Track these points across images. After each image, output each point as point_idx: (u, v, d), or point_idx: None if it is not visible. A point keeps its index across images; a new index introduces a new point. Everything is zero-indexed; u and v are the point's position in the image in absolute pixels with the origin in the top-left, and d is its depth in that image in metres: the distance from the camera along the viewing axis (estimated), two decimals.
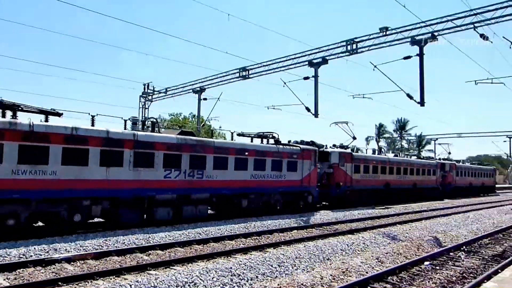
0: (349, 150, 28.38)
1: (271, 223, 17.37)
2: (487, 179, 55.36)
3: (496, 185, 61.76)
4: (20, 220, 12.32)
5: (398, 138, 72.93)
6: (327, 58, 23.94)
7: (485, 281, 8.36)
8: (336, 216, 21.35)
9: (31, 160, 12.47)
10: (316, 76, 24.15)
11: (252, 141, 21.11)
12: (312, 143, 26.40)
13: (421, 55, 19.67)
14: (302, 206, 22.37)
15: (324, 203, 26.80)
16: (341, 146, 29.03)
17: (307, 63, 24.82)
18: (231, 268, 9.50)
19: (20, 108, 12.98)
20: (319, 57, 24.32)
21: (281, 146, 21.71)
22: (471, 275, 10.28)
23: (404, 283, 9.30)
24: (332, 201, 26.53)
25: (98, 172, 14.00)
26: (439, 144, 59.12)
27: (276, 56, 29.17)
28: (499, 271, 9.54)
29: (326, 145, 28.20)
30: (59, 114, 13.89)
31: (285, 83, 25.46)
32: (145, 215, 15.65)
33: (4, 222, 11.96)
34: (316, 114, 23.90)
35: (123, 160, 14.66)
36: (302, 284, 8.67)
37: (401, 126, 72.62)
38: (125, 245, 12.00)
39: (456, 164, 45.90)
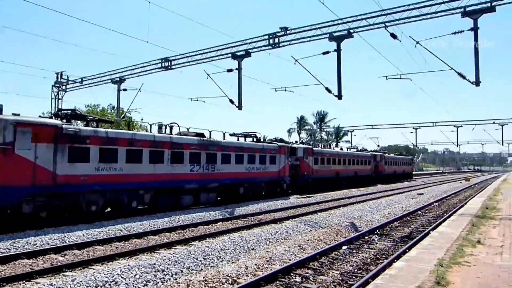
0: (310, 146, 34.03)
1: (196, 216, 17.20)
2: (407, 167, 65.23)
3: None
4: (98, 207, 15.64)
5: (318, 130, 76.10)
6: (250, 51, 24.15)
7: (395, 260, 9.03)
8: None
9: (107, 159, 15.85)
10: (239, 69, 24.27)
11: (242, 140, 25.65)
12: (281, 140, 33.44)
13: (338, 50, 20.63)
14: (279, 191, 27.20)
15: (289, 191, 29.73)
16: (302, 143, 36.69)
17: (230, 55, 24.83)
18: (154, 264, 9.22)
19: (87, 118, 17.08)
20: (242, 50, 24.45)
21: (266, 143, 27.07)
22: (384, 256, 11.06)
23: (324, 267, 9.73)
24: (298, 187, 30.92)
25: (148, 168, 17.59)
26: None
27: (199, 47, 28.68)
28: (407, 250, 10.37)
29: (292, 142, 34.16)
30: (111, 122, 17.75)
31: (208, 75, 25.27)
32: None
33: (88, 208, 15.26)
34: (239, 107, 24.05)
35: (164, 158, 18.35)
36: (227, 275, 8.68)
37: (321, 118, 75.84)
38: (37, 246, 11.08)
39: (385, 155, 53.36)
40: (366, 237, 13.70)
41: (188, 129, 21.45)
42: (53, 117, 16.18)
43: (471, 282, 6.67)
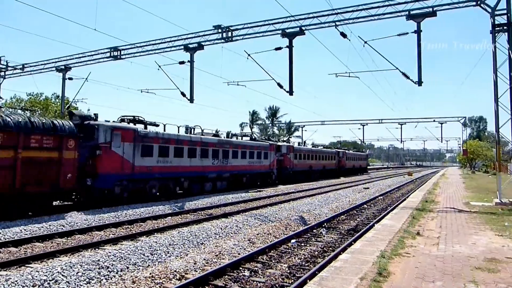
0: (291, 144, 41.79)
1: (144, 210, 16.78)
2: (363, 162, 74.36)
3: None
4: (156, 191, 20.66)
5: (270, 124, 76.88)
6: (203, 43, 23.85)
7: (341, 253, 9.28)
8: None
9: (163, 154, 20.95)
10: (191, 61, 23.93)
11: (241, 139, 32.06)
12: (268, 139, 40.94)
13: (290, 47, 20.84)
14: (270, 181, 33.51)
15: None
16: (285, 141, 45.13)
17: (183, 47, 24.40)
18: (98, 260, 8.87)
19: (145, 122, 21.01)
20: (195, 42, 24.10)
21: (260, 142, 33.32)
22: (330, 248, 11.34)
23: (273, 261, 9.82)
24: (282, 178, 36.98)
25: (187, 161, 22.88)
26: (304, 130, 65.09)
27: (151, 38, 27.85)
28: (353, 243, 10.70)
29: (277, 140, 43.03)
30: (156, 125, 21.43)
31: (160, 66, 24.71)
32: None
33: (150, 191, 20.19)
34: (191, 100, 23.71)
35: (196, 154, 23.67)
36: (175, 271, 8.53)
37: (273, 113, 76.73)
38: None
39: (346, 151, 61.28)
40: (315, 231, 13.99)
41: (202, 130, 25.88)
42: (119, 121, 20.17)
43: (410, 272, 6.99)
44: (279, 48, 21.32)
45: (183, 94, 23.97)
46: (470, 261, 7.84)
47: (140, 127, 20.24)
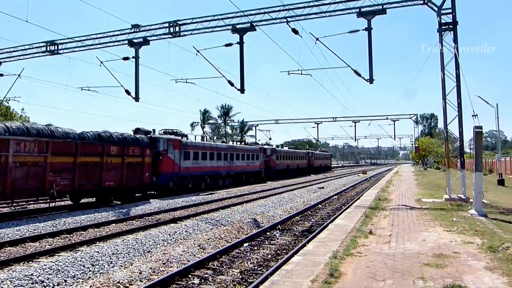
0: (274, 147, 51.95)
1: (85, 217, 16.15)
2: (328, 161, 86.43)
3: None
4: (190, 185, 28.73)
5: (223, 124, 76.67)
6: (149, 38, 23.36)
7: (295, 255, 9.40)
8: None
9: (195, 158, 29.08)
10: (137, 57, 23.40)
11: (241, 143, 43.93)
12: (256, 143, 48.97)
13: (241, 43, 20.87)
14: (259, 178, 42.06)
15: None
16: (267, 144, 54.51)
17: (127, 42, 23.77)
18: (32, 274, 8.41)
19: (177, 133, 29.39)
20: (140, 37, 23.55)
21: (253, 146, 43.11)
22: (284, 251, 11.47)
23: (225, 266, 9.78)
24: (267, 176, 45.31)
25: (209, 163, 31.37)
26: (260, 129, 65.79)
27: (92, 32, 26.86)
28: (306, 244, 10.87)
29: (262, 144, 52.47)
30: (185, 135, 29.51)
31: (102, 62, 23.93)
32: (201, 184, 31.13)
33: (188, 186, 28.36)
34: (137, 98, 23.19)
35: (214, 157, 32.19)
36: (118, 282, 8.26)
37: (225, 112, 76.53)
38: None
39: (314, 152, 72.49)
40: (268, 233, 14.09)
41: (212, 138, 35.67)
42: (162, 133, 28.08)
43: (361, 271, 7.20)
44: (230, 45, 21.29)
45: (127, 92, 23.36)
46: (420, 258, 8.21)
47: (181, 138, 28.02)
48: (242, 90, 20.99)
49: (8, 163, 15.40)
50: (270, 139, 64.96)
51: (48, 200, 18.14)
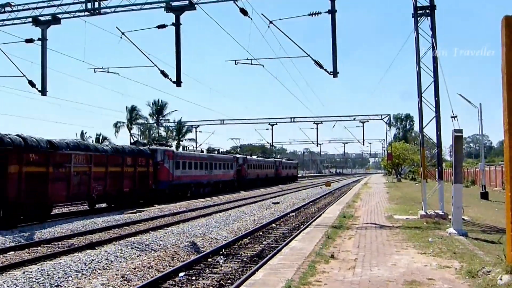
0: (245, 156, 61.39)
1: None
2: (294, 170, 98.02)
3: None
4: (180, 193, 38.70)
5: (155, 124, 75.61)
6: (60, 16, 22.75)
7: (241, 286, 9.48)
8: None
9: (184, 167, 39.36)
10: (44, 39, 22.80)
11: (218, 153, 54.21)
12: (229, 152, 62.07)
13: (177, 25, 20.77)
14: (232, 188, 51.78)
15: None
16: (239, 153, 66.03)
17: (31, 20, 23.04)
18: None
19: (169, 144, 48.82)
20: (48, 14, 22.87)
21: (228, 156, 54.07)
22: (229, 281, 11.51)
23: None
24: (239, 185, 55.06)
25: (193, 172, 41.57)
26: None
27: None
28: (256, 272, 10.98)
29: (237, 153, 65.23)
30: (170, 146, 45.86)
31: None
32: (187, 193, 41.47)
33: (178, 193, 38.21)
34: (43, 91, 22.54)
35: (197, 166, 42.65)
36: None
37: (158, 109, 75.42)
38: None
39: (282, 161, 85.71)
40: (210, 259, 14.09)
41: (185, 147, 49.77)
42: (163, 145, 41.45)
43: None
44: (163, 26, 21.14)
45: (31, 83, 22.61)
46: (389, 286, 8.55)
47: (175, 149, 38.94)
48: (178, 82, 20.87)
49: (71, 172, 23.59)
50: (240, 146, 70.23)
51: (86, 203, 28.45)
